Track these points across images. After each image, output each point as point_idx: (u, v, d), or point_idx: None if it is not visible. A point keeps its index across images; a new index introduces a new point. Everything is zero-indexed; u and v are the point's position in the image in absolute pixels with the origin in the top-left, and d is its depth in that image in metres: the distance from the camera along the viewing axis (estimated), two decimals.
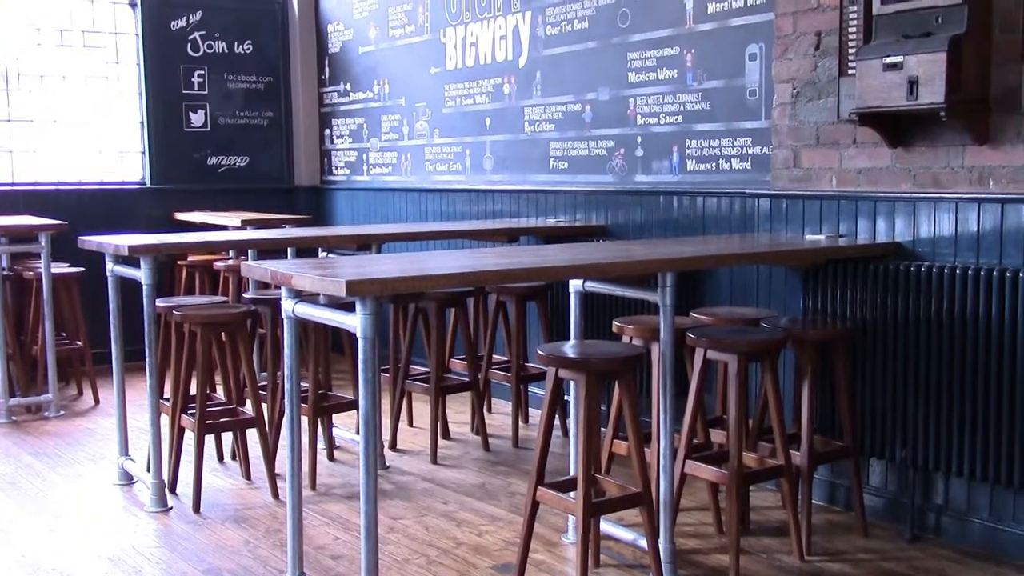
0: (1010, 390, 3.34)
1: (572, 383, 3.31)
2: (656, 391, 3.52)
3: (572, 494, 3.21)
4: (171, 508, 4.08)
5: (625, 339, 3.78)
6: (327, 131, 7.58)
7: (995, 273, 3.39)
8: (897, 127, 3.79)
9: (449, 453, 4.83)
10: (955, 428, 3.50)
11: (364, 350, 2.77)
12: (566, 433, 4.87)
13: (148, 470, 4.16)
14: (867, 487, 3.87)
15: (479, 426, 4.96)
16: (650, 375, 3.71)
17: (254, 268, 3.28)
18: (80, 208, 6.65)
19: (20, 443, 5.06)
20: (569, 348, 3.30)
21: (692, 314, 4.02)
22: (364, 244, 4.82)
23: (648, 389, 3.90)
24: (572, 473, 3.56)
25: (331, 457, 4.72)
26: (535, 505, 3.25)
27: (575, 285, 3.65)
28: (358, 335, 2.77)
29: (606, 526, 3.56)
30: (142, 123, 7.16)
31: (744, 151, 4.53)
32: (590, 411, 3.12)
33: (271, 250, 4.94)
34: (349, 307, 2.85)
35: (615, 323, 3.84)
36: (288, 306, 3.07)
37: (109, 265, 4.27)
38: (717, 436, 3.82)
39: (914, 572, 3.38)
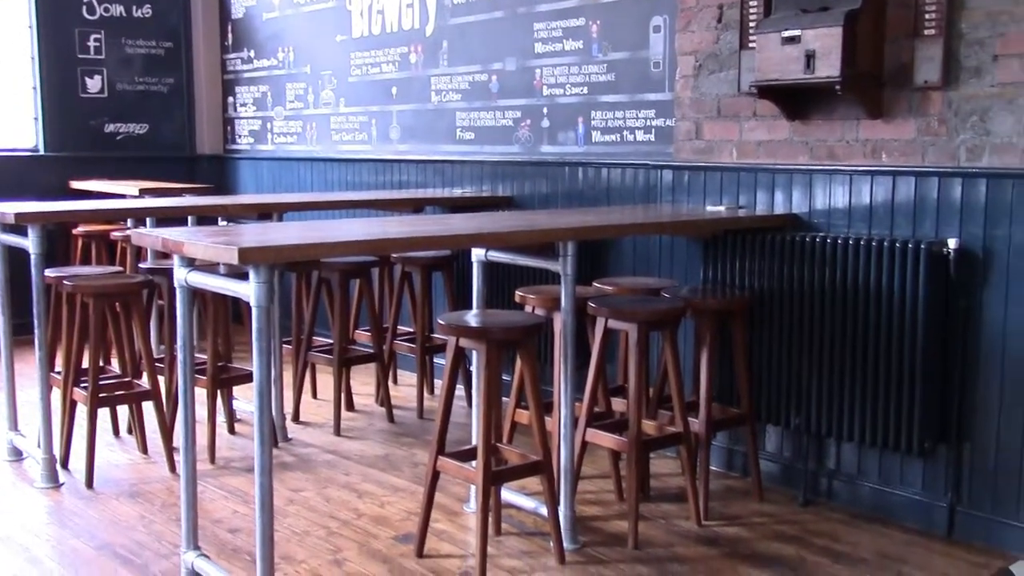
0: (899, 358, 3.44)
1: (474, 353, 3.30)
2: (558, 360, 3.53)
3: (473, 463, 3.21)
4: (63, 484, 3.96)
5: (528, 309, 3.78)
6: (230, 99, 7.40)
7: (886, 244, 3.48)
8: (795, 100, 3.85)
9: (353, 425, 4.79)
10: (847, 395, 3.59)
11: (258, 319, 2.70)
12: (471, 403, 4.87)
13: (38, 445, 4.02)
14: (763, 453, 3.95)
15: (384, 398, 4.93)
16: (553, 345, 3.72)
17: (145, 236, 3.19)
18: None
19: None
20: (470, 317, 3.29)
21: (595, 284, 4.05)
22: (265, 213, 4.72)
23: (551, 359, 3.92)
24: (474, 443, 3.55)
25: (231, 430, 4.64)
26: (435, 475, 3.24)
27: (477, 254, 3.63)
28: (252, 304, 2.70)
29: (507, 495, 3.56)
30: (35, 88, 6.88)
31: (648, 123, 4.55)
32: (491, 380, 3.12)
33: (172, 219, 4.81)
34: (247, 276, 2.79)
35: (518, 292, 3.85)
36: (180, 274, 2.99)
37: None
38: (619, 405, 3.86)
39: (806, 535, 3.47)
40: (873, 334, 3.51)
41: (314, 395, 5.26)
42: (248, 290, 2.71)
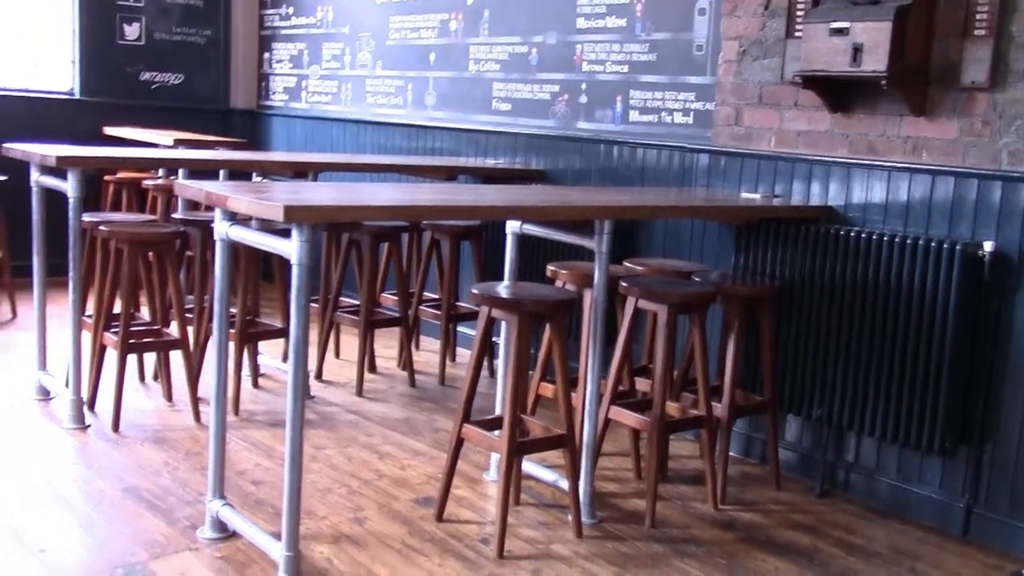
0: (926, 357, 3.45)
1: (503, 324, 3.33)
2: (586, 337, 3.56)
3: (497, 432, 3.25)
4: (89, 426, 4.02)
5: (558, 284, 3.80)
6: (266, 54, 7.41)
7: (920, 242, 3.48)
8: (838, 92, 3.84)
9: (375, 387, 4.83)
10: (870, 390, 3.60)
11: (298, 277, 2.74)
12: (492, 374, 4.92)
13: (67, 386, 4.08)
14: (782, 442, 3.98)
15: (406, 362, 4.97)
16: (580, 321, 3.75)
17: (188, 187, 3.22)
18: (1, 114, 6.41)
19: None
20: (503, 289, 3.31)
21: (625, 263, 4.07)
22: (300, 171, 4.75)
23: (577, 335, 3.94)
24: (497, 413, 3.59)
25: (255, 384, 4.69)
26: (460, 441, 3.28)
27: (513, 227, 3.65)
28: (293, 262, 2.73)
29: (527, 466, 3.61)
30: (73, 31, 6.90)
31: (687, 105, 4.55)
32: (520, 352, 3.14)
33: (203, 171, 4.83)
34: (283, 233, 2.82)
35: (549, 267, 3.87)
36: (222, 228, 3.02)
37: (34, 175, 4.14)
38: (642, 385, 3.88)
39: (822, 525, 3.50)
40: (902, 331, 3.52)
41: (337, 355, 5.30)
42: (290, 248, 2.74)
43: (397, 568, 2.96)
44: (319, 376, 4.89)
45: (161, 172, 5.80)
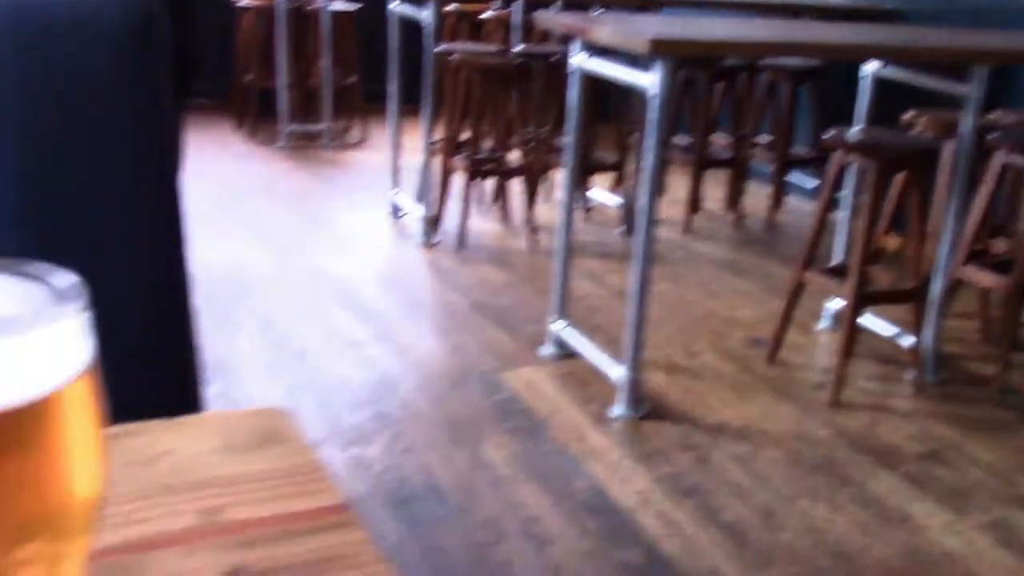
0: None
1: (856, 170, 3.21)
2: (942, 190, 3.36)
3: (840, 280, 3.17)
4: (437, 243, 4.32)
5: (915, 132, 3.59)
6: None
7: None
8: None
9: (702, 227, 4.84)
10: None
11: (655, 109, 2.75)
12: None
13: (418, 205, 4.39)
14: None
15: (734, 204, 4.92)
16: (934, 173, 3.54)
17: (548, 19, 3.29)
18: None
19: (300, 167, 5.45)
20: (859, 133, 3.17)
21: (991, 115, 3.75)
22: (642, 5, 4.70)
23: (930, 187, 3.73)
24: (833, 263, 3.51)
25: (585, 217, 4.83)
26: (799, 286, 3.25)
27: (871, 68, 3.46)
28: (652, 95, 2.74)
29: (863, 318, 3.51)
30: None
31: None
32: (876, 199, 3.02)
33: (538, 3, 4.88)
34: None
35: (907, 115, 3.65)
36: (579, 60, 3.07)
37: (392, 4, 4.36)
38: (998, 247, 3.64)
39: None
40: None
41: (662, 193, 5.33)
42: (650, 81, 2.75)
43: (731, 402, 3.02)
44: None
45: (497, 3, 5.93)
